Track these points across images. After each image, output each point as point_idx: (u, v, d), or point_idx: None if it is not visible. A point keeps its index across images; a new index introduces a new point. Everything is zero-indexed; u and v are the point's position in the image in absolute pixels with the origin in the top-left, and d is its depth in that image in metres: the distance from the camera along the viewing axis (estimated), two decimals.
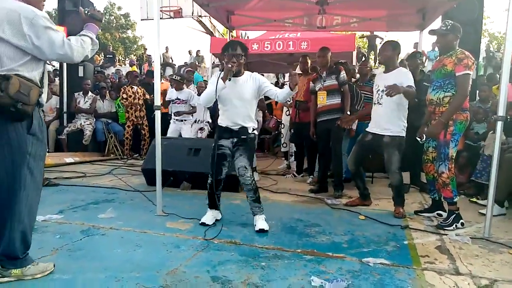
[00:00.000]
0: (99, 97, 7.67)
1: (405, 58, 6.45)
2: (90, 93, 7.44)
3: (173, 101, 6.38)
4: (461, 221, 3.27)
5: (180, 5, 13.59)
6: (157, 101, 3.50)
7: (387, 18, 6.30)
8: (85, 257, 2.50)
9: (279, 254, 2.61)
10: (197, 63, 14.79)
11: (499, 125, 2.91)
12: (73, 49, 2.06)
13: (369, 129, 3.78)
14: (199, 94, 6.70)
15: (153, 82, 3.74)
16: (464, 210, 3.49)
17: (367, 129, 3.82)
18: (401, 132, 3.61)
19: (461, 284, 2.22)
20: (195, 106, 6.34)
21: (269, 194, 4.41)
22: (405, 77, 3.52)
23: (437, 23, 5.07)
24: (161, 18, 12.22)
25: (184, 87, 6.54)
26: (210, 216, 3.25)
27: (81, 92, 7.35)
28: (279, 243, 2.82)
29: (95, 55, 14.79)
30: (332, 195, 4.38)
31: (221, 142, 3.13)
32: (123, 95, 7.20)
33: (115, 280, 2.16)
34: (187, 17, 13.99)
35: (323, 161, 4.70)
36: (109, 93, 8.03)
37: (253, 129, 3.18)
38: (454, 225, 3.22)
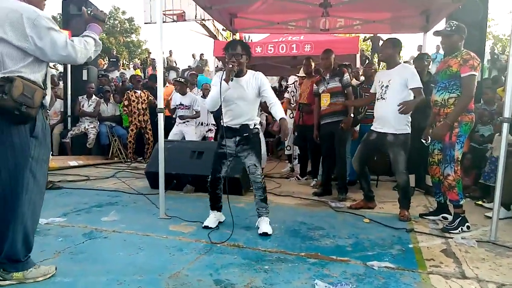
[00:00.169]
0: (103, 101, 7.70)
1: (411, 59, 6.43)
2: (94, 97, 7.48)
3: (177, 106, 6.39)
4: (467, 224, 3.23)
5: (183, 8, 13.63)
6: (160, 104, 3.50)
7: (391, 20, 6.27)
8: (87, 260, 2.49)
9: (283, 257, 2.59)
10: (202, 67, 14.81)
11: (505, 126, 2.88)
12: (76, 50, 2.03)
13: (373, 128, 3.75)
14: (204, 96, 6.71)
15: (156, 86, 3.75)
16: (469, 213, 3.45)
17: (371, 128, 3.79)
18: (405, 128, 3.56)
19: None
20: (198, 111, 6.35)
21: (273, 197, 4.38)
22: (409, 73, 3.52)
23: (441, 25, 5.04)
24: (164, 21, 12.38)
25: (187, 91, 6.54)
26: (213, 219, 3.23)
27: (85, 95, 7.40)
28: (282, 246, 2.80)
29: (99, 59, 14.89)
30: (336, 198, 4.35)
31: (224, 141, 3.12)
32: (125, 102, 7.22)
33: (117, 283, 2.15)
34: (190, 20, 14.04)
35: (326, 164, 4.67)
36: (113, 97, 8.06)
37: (254, 125, 3.16)
38: (459, 228, 3.18)
